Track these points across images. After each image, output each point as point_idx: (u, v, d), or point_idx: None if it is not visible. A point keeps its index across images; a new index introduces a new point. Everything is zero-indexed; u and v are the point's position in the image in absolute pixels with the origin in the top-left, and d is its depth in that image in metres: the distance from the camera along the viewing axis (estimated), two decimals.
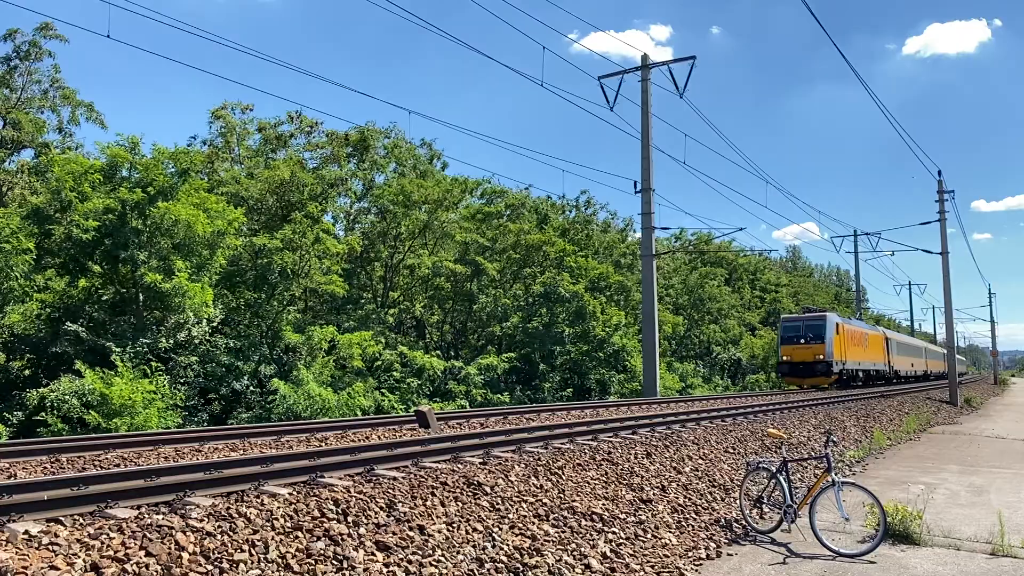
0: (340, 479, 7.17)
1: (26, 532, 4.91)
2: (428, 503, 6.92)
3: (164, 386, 18.82)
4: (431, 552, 6.09)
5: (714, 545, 8.15)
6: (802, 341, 35.38)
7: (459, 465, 8.35)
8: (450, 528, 6.60)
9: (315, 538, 5.71)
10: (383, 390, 24.61)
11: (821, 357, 34.56)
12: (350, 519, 6.16)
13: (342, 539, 5.81)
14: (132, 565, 4.71)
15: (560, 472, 8.90)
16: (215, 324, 22.34)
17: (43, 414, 17.03)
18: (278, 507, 6.02)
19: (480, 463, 8.55)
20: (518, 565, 6.34)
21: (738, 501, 9.54)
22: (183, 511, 5.67)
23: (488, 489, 7.66)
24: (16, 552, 4.58)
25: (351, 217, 34.40)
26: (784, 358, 36.35)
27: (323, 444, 10.67)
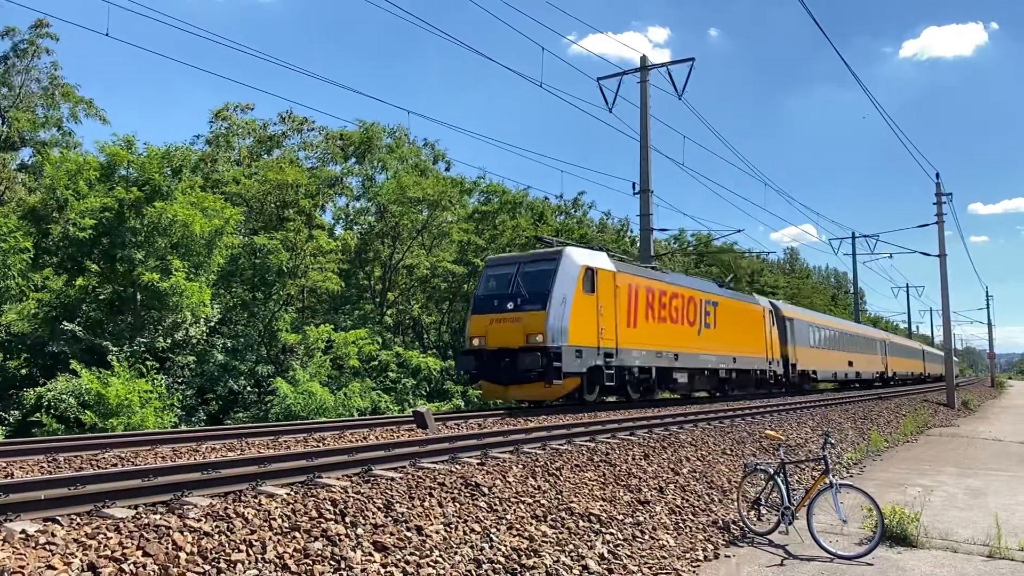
0: (338, 479, 7.15)
1: (23, 531, 4.90)
2: (426, 504, 6.91)
3: (161, 386, 18.79)
4: (429, 553, 6.08)
5: (712, 546, 8.15)
6: (509, 307, 17.13)
7: (457, 466, 8.34)
8: (448, 529, 6.59)
9: (313, 538, 5.70)
10: (380, 391, 24.61)
11: (539, 339, 16.34)
12: (348, 519, 6.15)
13: (340, 539, 5.80)
14: (129, 565, 4.70)
15: (558, 473, 8.90)
16: (213, 324, 22.32)
17: (39, 414, 17.01)
18: (276, 507, 6.01)
19: (478, 464, 8.54)
20: (516, 566, 6.33)
21: (736, 503, 9.54)
22: (180, 511, 5.66)
23: (486, 490, 7.65)
24: (13, 551, 4.57)
25: (350, 217, 34.40)
26: (473, 342, 17.59)
27: (321, 444, 10.64)
